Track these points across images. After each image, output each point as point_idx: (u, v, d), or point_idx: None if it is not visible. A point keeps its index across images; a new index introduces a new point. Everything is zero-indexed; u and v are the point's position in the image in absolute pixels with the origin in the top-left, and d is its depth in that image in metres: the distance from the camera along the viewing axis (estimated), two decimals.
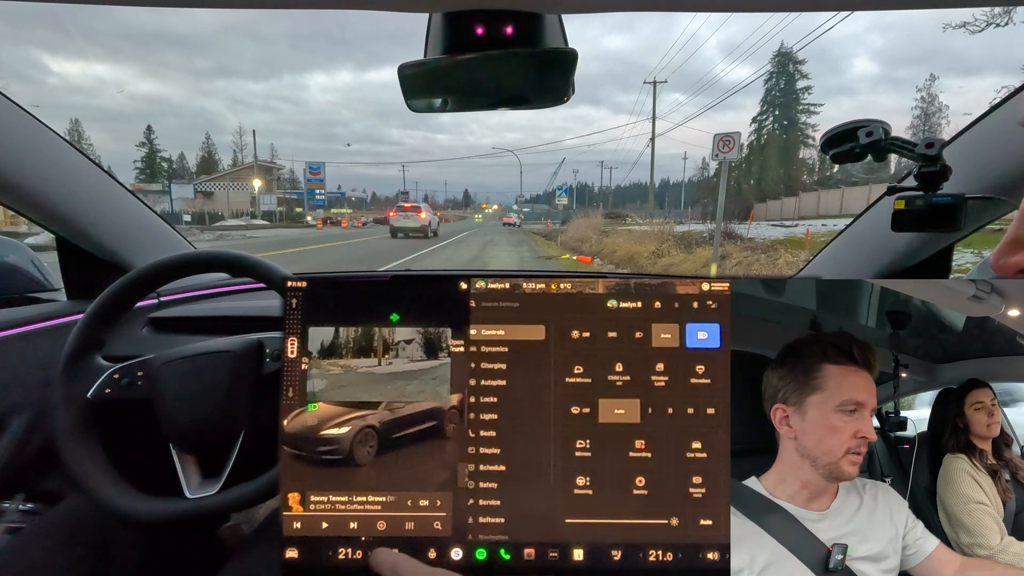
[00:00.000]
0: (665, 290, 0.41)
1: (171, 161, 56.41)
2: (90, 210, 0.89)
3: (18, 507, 0.83)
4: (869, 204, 0.90)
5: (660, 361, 0.40)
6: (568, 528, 0.39)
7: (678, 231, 13.24)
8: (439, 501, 0.40)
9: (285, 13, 52.28)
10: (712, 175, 48.33)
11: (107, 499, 0.60)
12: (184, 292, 1.05)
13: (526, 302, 0.41)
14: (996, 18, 11.54)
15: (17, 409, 0.78)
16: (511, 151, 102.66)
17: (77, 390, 0.64)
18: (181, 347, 0.68)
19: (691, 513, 0.39)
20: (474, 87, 0.58)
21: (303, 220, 39.01)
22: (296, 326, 0.42)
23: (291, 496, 0.40)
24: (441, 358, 0.41)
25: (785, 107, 42.88)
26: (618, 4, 0.48)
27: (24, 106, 0.77)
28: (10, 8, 14.56)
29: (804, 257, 7.82)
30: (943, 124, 40.34)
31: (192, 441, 0.65)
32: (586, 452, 0.40)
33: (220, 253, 0.69)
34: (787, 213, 30.48)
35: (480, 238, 19.95)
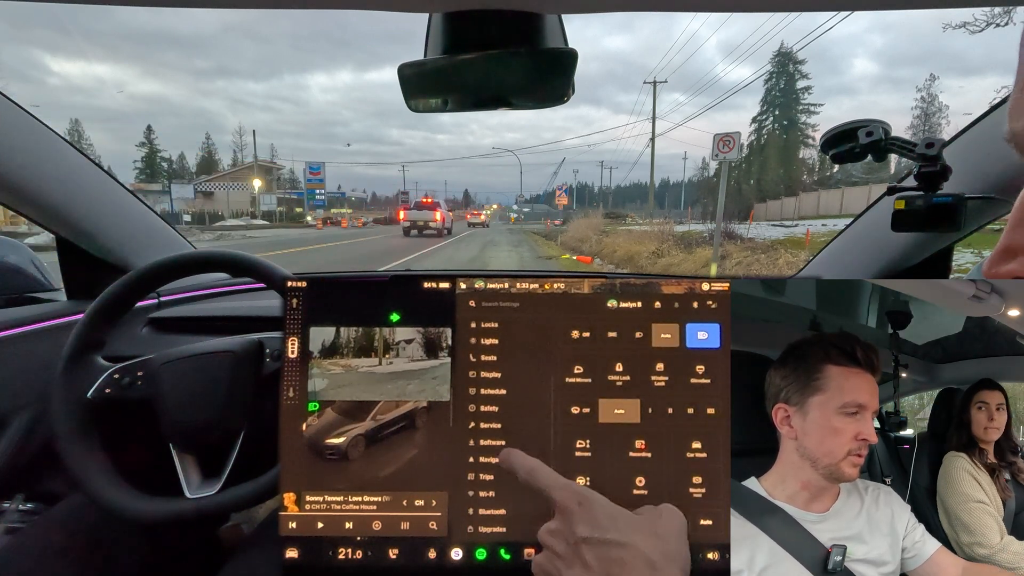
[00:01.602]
0: (665, 290, 0.41)
1: (171, 161, 56.40)
2: (90, 210, 0.89)
3: (18, 507, 0.83)
4: (869, 204, 0.90)
5: (660, 361, 0.40)
6: None
7: (678, 231, 13.23)
8: (435, 501, 0.40)
9: (285, 13, 52.38)
10: (712, 175, 48.33)
11: (107, 499, 0.60)
12: (184, 292, 1.05)
13: (526, 302, 0.41)
14: (996, 18, 11.54)
15: (17, 409, 0.78)
16: (511, 151, 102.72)
17: (77, 390, 0.64)
18: (181, 347, 0.68)
19: (691, 513, 0.39)
20: (474, 87, 0.58)
21: (303, 220, 39.03)
22: (296, 326, 0.42)
23: (287, 496, 0.40)
24: (441, 358, 0.41)
25: (785, 107, 42.87)
26: (618, 4, 0.48)
27: (24, 106, 0.77)
28: (10, 8, 14.60)
29: (804, 257, 7.82)
30: (943, 124, 40.35)
31: (192, 441, 0.65)
32: (586, 452, 0.40)
33: (220, 253, 0.69)
34: (787, 213, 30.48)
35: (480, 238, 19.98)
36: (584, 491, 0.35)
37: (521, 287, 0.41)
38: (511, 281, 0.42)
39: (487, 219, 26.96)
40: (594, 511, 0.34)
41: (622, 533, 0.33)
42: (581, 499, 0.34)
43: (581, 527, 0.33)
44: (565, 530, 0.33)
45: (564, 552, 0.33)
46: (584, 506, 0.34)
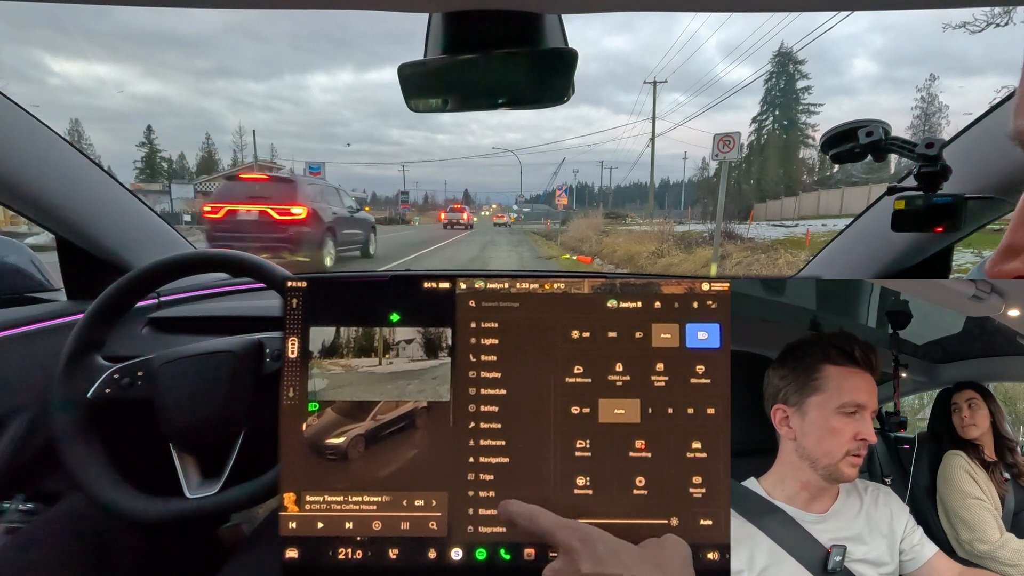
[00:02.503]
0: (665, 290, 0.41)
1: (171, 161, 56.36)
2: (90, 210, 0.89)
3: (18, 507, 0.83)
4: (869, 204, 0.90)
5: (660, 361, 0.40)
6: None
7: (678, 231, 13.22)
8: (435, 501, 0.40)
9: (286, 13, 52.25)
10: (712, 175, 48.30)
11: (107, 499, 0.60)
12: (184, 292, 1.05)
13: (526, 302, 0.41)
14: (996, 18, 11.54)
15: (17, 409, 0.78)
16: (511, 151, 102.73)
17: (77, 390, 0.64)
18: (181, 347, 0.68)
19: (691, 513, 0.39)
20: (474, 87, 0.58)
21: None
22: (296, 326, 0.42)
23: (287, 496, 0.40)
24: (441, 357, 0.41)
25: (785, 107, 42.86)
26: (618, 4, 0.48)
27: (24, 106, 0.77)
28: (11, 8, 14.58)
29: (804, 257, 7.82)
30: (943, 124, 40.32)
31: (192, 441, 0.65)
32: (586, 452, 0.40)
33: (220, 253, 0.69)
34: (787, 213, 30.46)
35: (480, 237, 20.04)
36: (586, 529, 0.36)
37: (521, 287, 0.41)
38: (511, 281, 0.42)
39: (470, 219, 27.36)
40: (596, 548, 0.34)
41: (626, 567, 0.33)
42: (583, 536, 0.35)
43: (585, 564, 0.33)
44: (570, 569, 0.34)
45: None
46: (586, 543, 0.34)
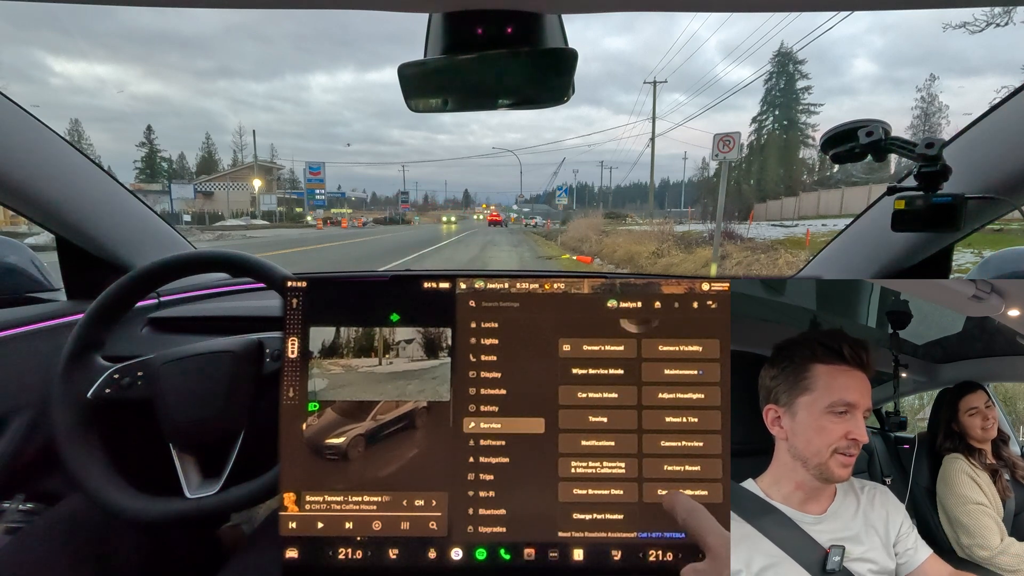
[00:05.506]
0: (665, 290, 0.41)
1: (171, 161, 56.32)
2: (90, 210, 0.89)
3: (18, 507, 0.83)
4: (869, 204, 0.90)
5: (660, 362, 0.40)
6: (568, 528, 0.39)
7: (678, 231, 13.22)
8: (434, 501, 0.40)
9: (287, 14, 52.29)
10: (712, 175, 48.28)
11: (107, 499, 0.60)
12: (184, 292, 1.05)
13: (525, 302, 0.41)
14: (996, 18, 11.53)
15: (17, 409, 0.78)
16: (511, 151, 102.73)
17: (77, 390, 0.64)
18: (181, 347, 0.68)
19: None
20: (474, 87, 0.58)
21: (303, 220, 39.09)
22: (296, 326, 0.42)
23: (287, 496, 0.40)
24: (441, 357, 0.41)
25: (785, 107, 42.82)
26: (618, 4, 0.48)
27: (24, 106, 0.77)
28: (12, 8, 14.58)
29: (804, 257, 7.82)
30: (943, 124, 40.28)
31: (192, 441, 0.65)
32: (586, 452, 0.40)
33: (220, 253, 0.69)
34: (787, 213, 30.46)
35: (481, 237, 20.03)
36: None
37: (521, 287, 0.41)
38: (511, 281, 0.42)
39: (501, 219, 27.22)
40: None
41: None
42: (731, 547, 0.36)
43: (727, 573, 0.35)
44: (713, 573, 0.35)
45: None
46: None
